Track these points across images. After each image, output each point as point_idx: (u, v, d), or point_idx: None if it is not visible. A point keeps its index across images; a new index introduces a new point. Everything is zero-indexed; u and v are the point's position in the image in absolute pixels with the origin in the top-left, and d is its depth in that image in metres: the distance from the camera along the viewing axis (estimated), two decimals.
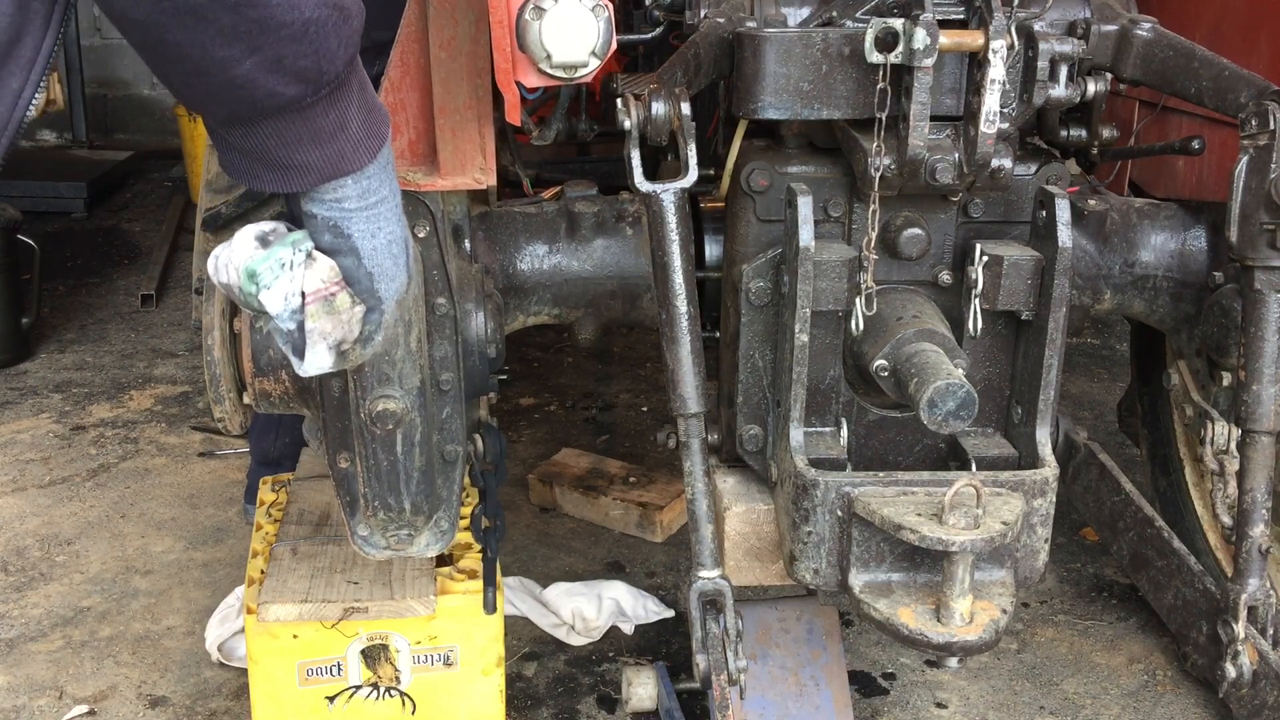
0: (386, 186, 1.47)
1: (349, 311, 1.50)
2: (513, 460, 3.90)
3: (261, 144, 1.35)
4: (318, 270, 1.47)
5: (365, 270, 1.49)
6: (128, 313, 5.35)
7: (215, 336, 2.10)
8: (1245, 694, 2.39)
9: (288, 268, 1.45)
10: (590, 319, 2.41)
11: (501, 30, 1.73)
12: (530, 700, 2.82)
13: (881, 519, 1.94)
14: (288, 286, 1.46)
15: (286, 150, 1.36)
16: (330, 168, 1.40)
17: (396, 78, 1.95)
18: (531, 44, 1.73)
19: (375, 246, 1.49)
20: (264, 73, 1.26)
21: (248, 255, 1.47)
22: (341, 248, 1.48)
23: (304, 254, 1.46)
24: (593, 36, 1.74)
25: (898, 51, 1.91)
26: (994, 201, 2.21)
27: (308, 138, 1.36)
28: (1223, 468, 2.70)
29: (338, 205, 1.44)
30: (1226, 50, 2.25)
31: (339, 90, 1.35)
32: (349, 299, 1.50)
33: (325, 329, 1.48)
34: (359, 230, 1.47)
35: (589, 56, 1.75)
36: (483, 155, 1.97)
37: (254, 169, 1.39)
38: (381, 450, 2.08)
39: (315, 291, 1.46)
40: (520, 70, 1.77)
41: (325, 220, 1.46)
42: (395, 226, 1.50)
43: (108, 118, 8.40)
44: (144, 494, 3.76)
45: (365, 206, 1.46)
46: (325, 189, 1.43)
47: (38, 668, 2.92)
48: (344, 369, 1.62)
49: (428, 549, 2.20)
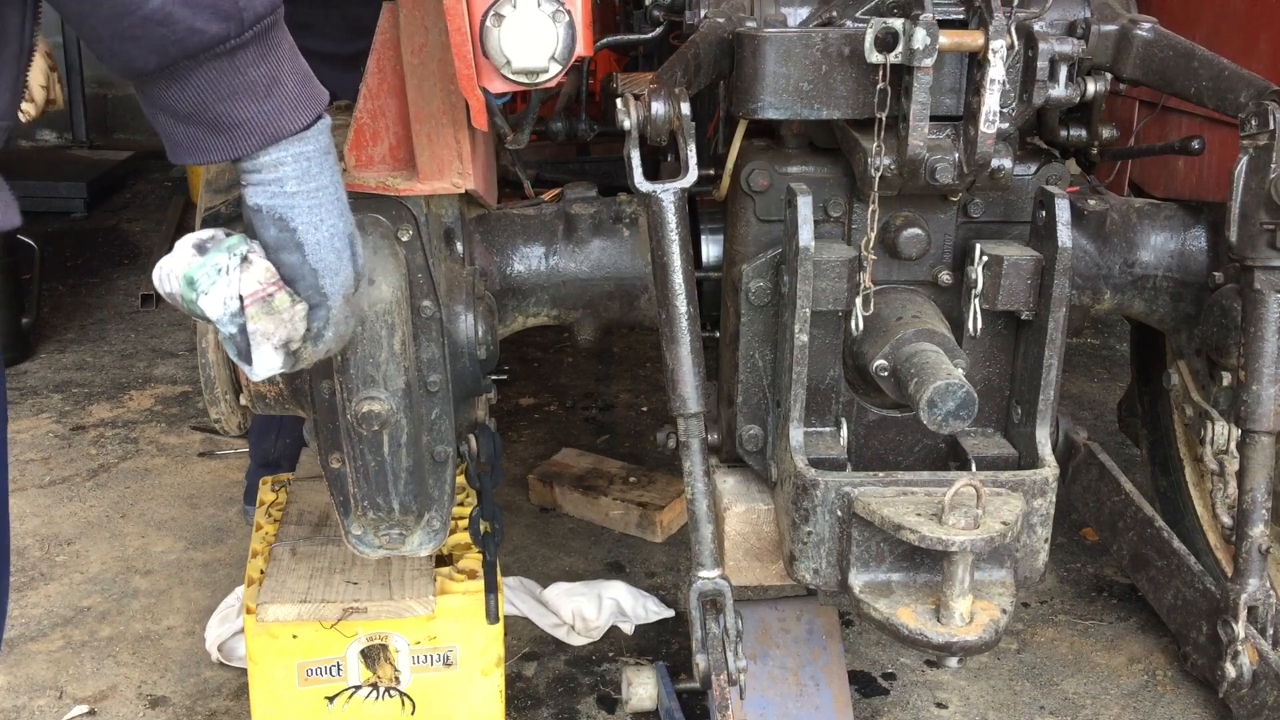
0: (327, 175, 1.50)
1: (289, 310, 1.52)
2: (513, 460, 3.90)
3: (198, 99, 1.38)
4: (254, 273, 1.50)
5: (310, 266, 1.52)
6: (128, 313, 5.35)
7: (210, 339, 2.11)
8: (1245, 694, 2.39)
9: (224, 272, 1.49)
10: (589, 320, 2.41)
11: (460, 38, 1.77)
12: (530, 700, 2.82)
13: (881, 519, 1.94)
14: (225, 291, 1.49)
15: (223, 105, 1.39)
16: (270, 125, 1.43)
17: (374, 85, 1.97)
18: (492, 50, 1.77)
19: (319, 240, 1.51)
20: (180, 6, 1.30)
21: (186, 263, 1.51)
22: (286, 243, 1.50)
23: (239, 258, 1.49)
24: (551, 42, 1.78)
25: (898, 51, 1.91)
26: (994, 201, 2.21)
27: (243, 90, 1.39)
28: (1223, 468, 2.70)
29: (279, 188, 1.47)
30: (1226, 50, 2.25)
31: (266, 40, 1.39)
32: (288, 298, 1.52)
33: (267, 329, 1.51)
34: (303, 222, 1.49)
35: (549, 62, 1.79)
36: (459, 159, 1.98)
37: (196, 138, 1.41)
38: (369, 451, 2.09)
39: (253, 293, 1.49)
40: (484, 76, 1.82)
41: (270, 212, 1.48)
42: (338, 220, 1.53)
43: (108, 118, 8.39)
44: (144, 494, 3.76)
45: (306, 192, 1.48)
46: (265, 165, 1.45)
47: (38, 668, 2.92)
48: (301, 368, 1.64)
49: (421, 548, 2.20)
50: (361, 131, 2.00)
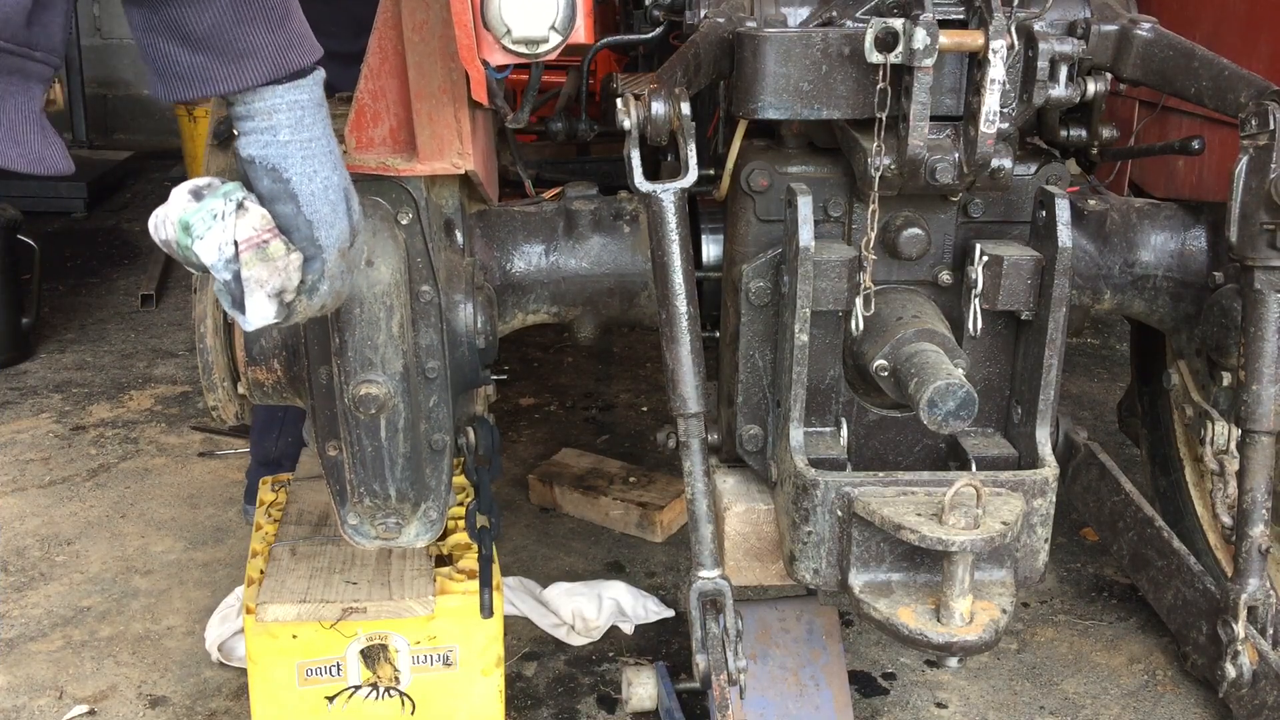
0: (320, 127, 1.51)
1: (284, 259, 1.52)
2: (513, 460, 3.90)
3: (216, 20, 1.38)
4: (250, 219, 1.50)
5: (304, 218, 1.52)
6: (128, 313, 5.36)
7: (208, 325, 2.11)
8: (1245, 694, 2.39)
9: (219, 218, 1.49)
10: (588, 317, 2.41)
11: (461, 6, 1.76)
12: (530, 700, 2.82)
13: (881, 519, 1.94)
14: (220, 236, 1.49)
15: (240, 28, 1.40)
16: (280, 57, 1.44)
17: (375, 64, 1.96)
18: (492, 20, 1.77)
19: (313, 191, 1.51)
20: None
21: (181, 208, 1.51)
22: (280, 193, 1.51)
23: (235, 203, 1.49)
24: (552, 11, 1.78)
25: (898, 51, 1.91)
26: (994, 201, 2.21)
27: (260, 15, 1.40)
28: (1223, 468, 2.70)
29: (272, 136, 1.48)
30: (1226, 50, 2.25)
31: None
32: (283, 246, 1.52)
33: (261, 276, 1.51)
34: (296, 172, 1.50)
35: (549, 31, 1.79)
36: (459, 139, 1.97)
37: (203, 66, 1.41)
38: (366, 435, 2.09)
39: (248, 239, 1.49)
40: (484, 47, 1.81)
41: (263, 162, 1.49)
42: (332, 173, 1.53)
43: (108, 118, 8.40)
44: (144, 494, 3.76)
45: (300, 142, 1.49)
46: (258, 111, 1.46)
47: (38, 668, 2.92)
48: (295, 323, 1.64)
49: (417, 539, 2.20)
50: (362, 112, 1.99)
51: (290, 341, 2.12)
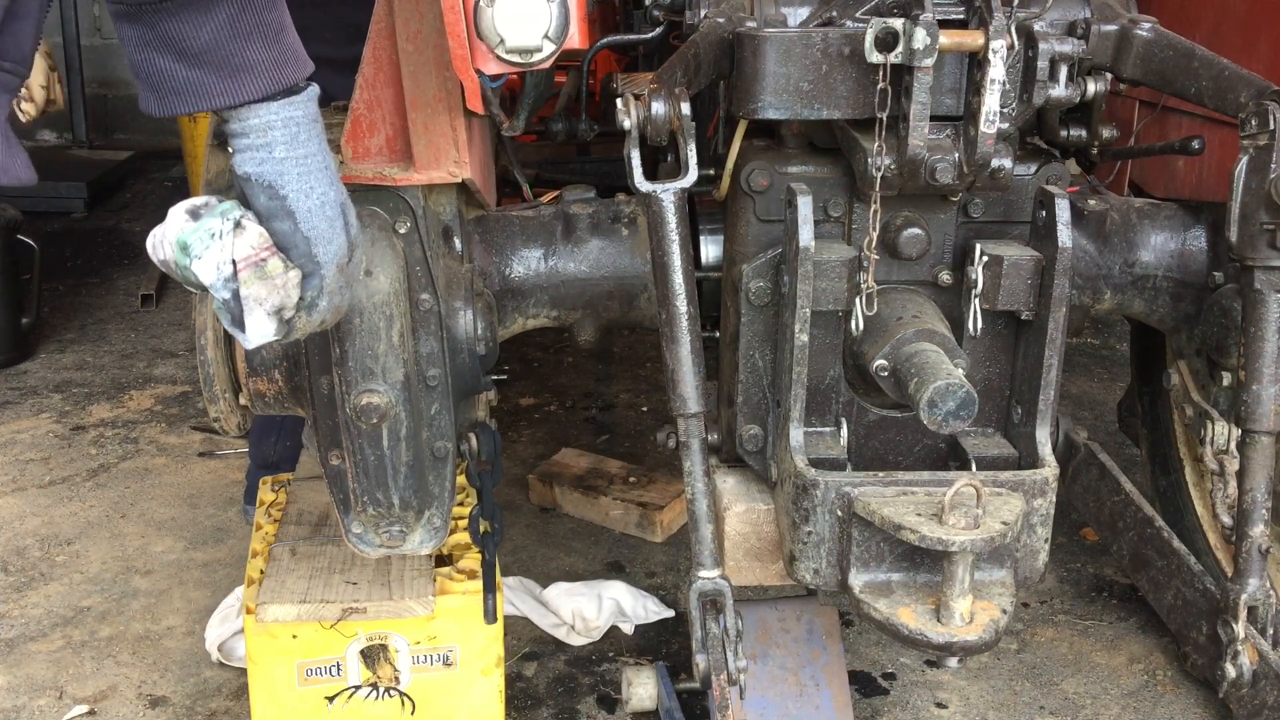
0: (315, 143, 1.51)
1: (283, 276, 1.52)
2: (513, 460, 3.90)
3: (215, 35, 1.39)
4: (247, 237, 1.50)
5: (302, 234, 1.52)
6: (128, 313, 5.35)
7: (209, 336, 2.11)
8: (1245, 694, 2.39)
9: (217, 237, 1.49)
10: (588, 320, 2.41)
11: (454, 16, 1.77)
12: (530, 700, 2.82)
13: (881, 519, 1.94)
14: (218, 255, 1.49)
15: (238, 43, 1.40)
16: (275, 72, 1.44)
17: (370, 74, 1.96)
18: (486, 29, 1.77)
19: (310, 207, 1.52)
20: None
21: (179, 228, 1.51)
22: (277, 210, 1.51)
23: (233, 222, 1.50)
24: (545, 20, 1.78)
25: (898, 51, 1.91)
26: (994, 201, 2.21)
27: (258, 30, 1.41)
28: (1223, 468, 2.69)
29: (268, 153, 1.48)
30: (1226, 50, 2.25)
31: None
32: (281, 264, 1.52)
33: (260, 295, 1.51)
34: (293, 189, 1.50)
35: (542, 40, 1.79)
36: (456, 148, 1.97)
37: (199, 81, 1.42)
38: (368, 445, 2.09)
39: (246, 258, 1.50)
40: (478, 57, 1.81)
41: (259, 180, 1.49)
42: (329, 189, 1.53)
43: (108, 118, 8.39)
44: (144, 494, 3.76)
45: (295, 158, 1.49)
46: (254, 129, 1.47)
47: (38, 668, 2.92)
48: (295, 338, 1.64)
49: (422, 546, 2.20)
50: (358, 123, 1.99)
51: (291, 352, 2.12)
